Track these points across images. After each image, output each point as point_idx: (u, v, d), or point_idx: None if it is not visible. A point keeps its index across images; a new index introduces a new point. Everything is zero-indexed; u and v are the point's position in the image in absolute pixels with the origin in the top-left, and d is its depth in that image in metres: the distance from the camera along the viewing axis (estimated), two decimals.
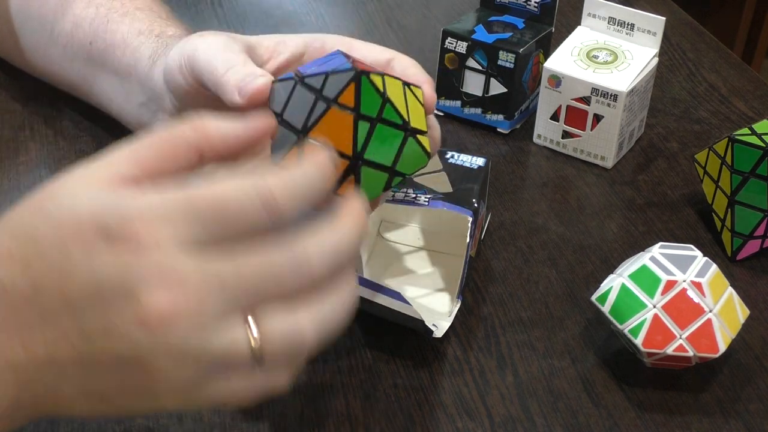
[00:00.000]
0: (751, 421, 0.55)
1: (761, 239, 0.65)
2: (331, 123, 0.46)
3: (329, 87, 0.46)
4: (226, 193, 0.40)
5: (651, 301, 0.55)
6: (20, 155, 0.72)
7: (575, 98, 0.73)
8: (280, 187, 0.40)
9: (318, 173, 0.42)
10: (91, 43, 0.67)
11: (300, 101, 0.47)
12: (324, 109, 0.46)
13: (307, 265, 0.41)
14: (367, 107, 0.47)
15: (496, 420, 0.54)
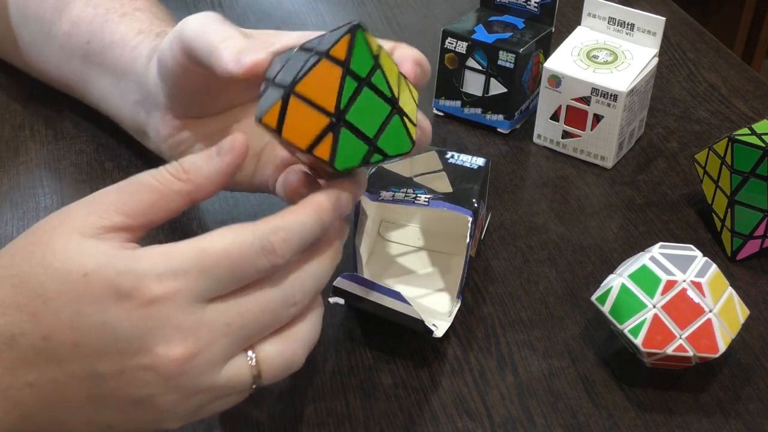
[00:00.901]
0: (751, 421, 0.55)
1: (761, 239, 0.65)
2: (319, 76, 0.46)
3: (325, 42, 0.46)
4: (233, 249, 0.43)
5: (651, 301, 0.55)
6: (20, 155, 0.72)
7: (575, 98, 0.73)
8: (279, 239, 0.44)
9: (315, 222, 0.46)
10: (88, 42, 0.67)
11: (294, 62, 0.47)
12: (315, 62, 0.46)
13: (294, 299, 0.46)
14: (357, 65, 0.46)
15: (496, 420, 0.54)
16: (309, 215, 0.46)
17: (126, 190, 0.46)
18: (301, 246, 0.45)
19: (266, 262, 0.44)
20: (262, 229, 0.44)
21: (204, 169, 0.47)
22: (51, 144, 0.73)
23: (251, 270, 0.44)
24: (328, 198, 0.47)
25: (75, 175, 0.70)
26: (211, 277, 0.43)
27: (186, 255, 0.43)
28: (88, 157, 0.72)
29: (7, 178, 0.70)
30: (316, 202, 0.46)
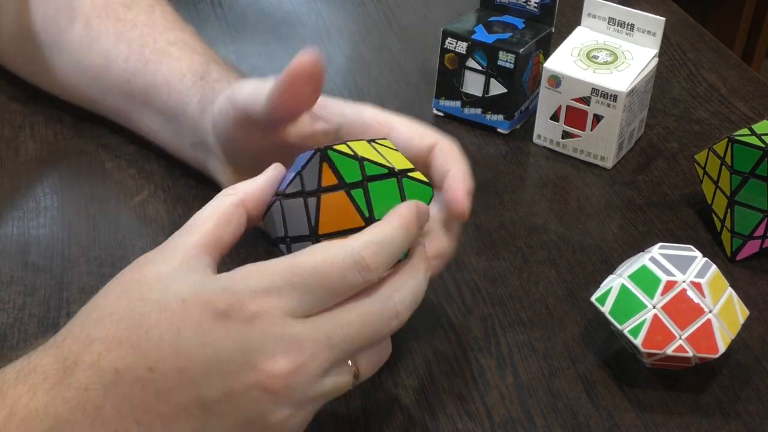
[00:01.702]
0: (751, 421, 0.55)
1: (761, 239, 0.65)
2: (329, 210, 0.47)
3: (308, 181, 0.48)
4: (325, 264, 0.44)
5: (651, 302, 0.55)
6: (20, 155, 0.72)
7: (575, 98, 0.73)
8: (371, 254, 0.44)
9: (402, 233, 0.46)
10: (129, 81, 0.67)
11: (294, 212, 0.48)
12: (317, 203, 0.47)
13: (396, 314, 0.46)
14: (350, 174, 0.47)
15: (496, 420, 0.54)
16: (396, 228, 0.46)
17: (190, 224, 0.48)
18: (392, 259, 0.46)
19: (359, 278, 0.44)
20: (353, 245, 0.44)
21: (252, 183, 0.49)
22: (51, 144, 0.73)
23: (344, 286, 0.44)
24: (409, 209, 0.47)
25: (75, 175, 0.70)
26: (304, 293, 0.43)
27: (277, 272, 0.44)
28: (88, 157, 0.72)
29: (7, 178, 0.70)
30: (401, 214, 0.47)
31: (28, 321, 0.59)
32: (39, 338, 0.57)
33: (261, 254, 0.63)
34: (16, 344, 0.57)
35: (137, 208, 0.68)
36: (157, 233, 0.66)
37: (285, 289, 0.43)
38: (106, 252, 0.64)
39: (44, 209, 0.67)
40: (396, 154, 0.50)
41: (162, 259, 0.46)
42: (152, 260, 0.46)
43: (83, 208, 0.67)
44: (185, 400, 0.43)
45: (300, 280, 0.43)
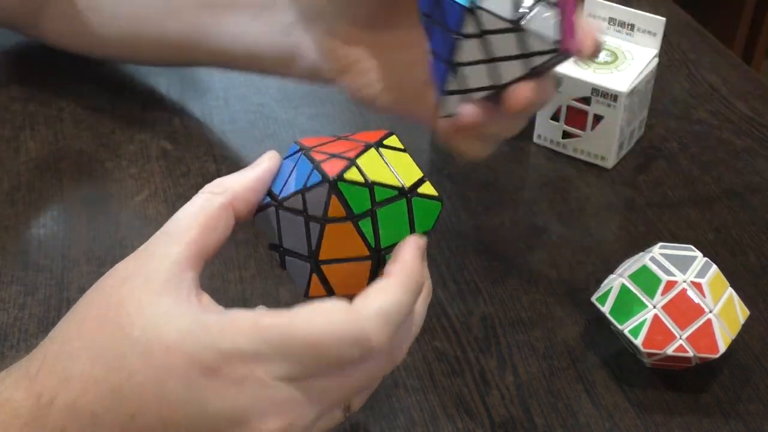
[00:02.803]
0: (751, 421, 0.55)
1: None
2: (333, 237, 0.44)
3: (312, 206, 0.44)
4: (323, 337, 0.41)
5: (651, 302, 0.55)
6: (20, 155, 0.72)
7: (575, 98, 0.73)
8: (375, 329, 0.41)
9: (412, 294, 0.43)
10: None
11: (291, 226, 0.45)
12: (320, 229, 0.44)
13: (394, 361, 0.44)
14: (358, 205, 0.44)
15: (496, 420, 0.54)
16: (406, 291, 0.43)
17: (172, 230, 0.44)
18: (399, 327, 0.42)
19: (358, 351, 0.41)
20: (357, 318, 0.41)
21: (241, 178, 0.46)
22: (51, 144, 0.73)
23: (341, 360, 0.41)
24: (416, 259, 0.44)
25: (75, 175, 0.70)
26: (297, 363, 0.41)
27: (270, 337, 0.41)
28: (88, 157, 0.72)
29: (7, 178, 0.70)
30: (409, 270, 0.43)
31: (28, 321, 0.59)
32: (39, 338, 0.57)
33: (262, 256, 0.63)
34: (16, 344, 0.57)
35: (137, 208, 0.68)
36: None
37: (277, 357, 0.40)
38: (106, 252, 0.64)
39: (44, 209, 0.67)
40: (404, 158, 0.47)
41: (142, 280, 0.42)
42: (130, 279, 0.42)
43: (83, 208, 0.67)
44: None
45: (293, 351, 0.41)
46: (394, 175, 0.45)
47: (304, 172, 0.45)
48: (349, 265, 0.45)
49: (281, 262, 0.47)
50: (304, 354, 0.41)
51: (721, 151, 0.77)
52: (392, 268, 0.43)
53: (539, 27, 0.48)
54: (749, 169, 0.75)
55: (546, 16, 0.48)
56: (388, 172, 0.45)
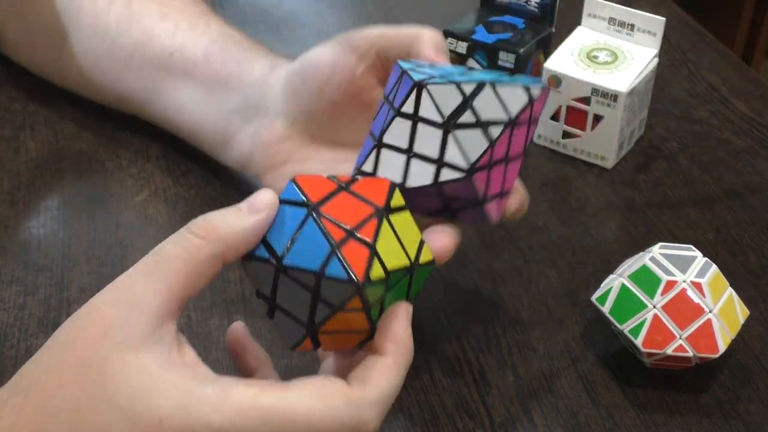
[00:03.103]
0: (751, 421, 0.55)
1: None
2: (340, 321, 0.43)
3: (327, 292, 0.42)
4: (323, 422, 0.40)
5: (651, 302, 0.55)
6: (20, 155, 0.72)
7: (575, 98, 0.73)
8: (376, 419, 0.41)
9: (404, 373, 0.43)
10: (172, 54, 0.67)
11: (292, 293, 0.43)
12: (329, 313, 0.43)
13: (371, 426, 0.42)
14: (374, 296, 0.43)
15: (496, 420, 0.54)
16: (402, 371, 0.43)
17: (154, 272, 0.42)
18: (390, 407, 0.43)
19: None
20: (357, 405, 0.41)
21: (236, 227, 0.43)
22: (51, 144, 0.73)
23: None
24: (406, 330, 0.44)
25: (75, 175, 0.70)
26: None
27: (269, 418, 0.39)
28: (88, 157, 0.72)
29: (7, 178, 0.70)
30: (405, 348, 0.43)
31: (28, 321, 0.59)
32: (39, 338, 0.57)
33: None
34: (16, 344, 0.57)
35: (137, 208, 0.68)
36: (157, 233, 0.66)
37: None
38: (106, 252, 0.64)
39: (44, 209, 0.67)
40: (407, 219, 0.46)
41: (122, 335, 0.40)
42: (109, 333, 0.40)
43: (83, 208, 0.68)
44: None
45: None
46: (404, 252, 0.44)
47: (316, 246, 0.42)
48: (345, 336, 0.44)
49: (269, 312, 0.45)
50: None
51: (721, 151, 0.77)
52: (388, 346, 0.43)
53: (465, 140, 0.47)
54: (749, 169, 0.75)
55: (478, 137, 0.48)
56: (399, 250, 0.44)
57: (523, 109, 0.49)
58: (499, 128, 0.49)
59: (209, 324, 0.59)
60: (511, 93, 0.49)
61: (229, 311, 0.60)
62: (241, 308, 0.60)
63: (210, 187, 0.69)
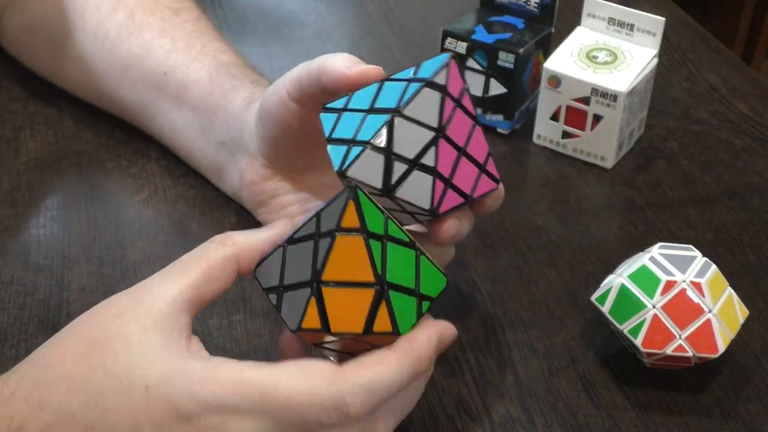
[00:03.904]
0: (751, 421, 0.55)
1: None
2: (342, 254, 0.43)
3: (325, 221, 0.43)
4: (302, 399, 0.40)
5: (650, 302, 0.55)
6: (20, 155, 0.72)
7: (575, 98, 0.73)
8: (358, 401, 0.41)
9: (408, 374, 0.42)
10: (166, 73, 0.67)
11: (298, 258, 0.44)
12: (329, 243, 0.43)
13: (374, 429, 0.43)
14: (373, 224, 0.43)
15: (496, 420, 0.54)
16: (404, 372, 0.42)
17: (171, 273, 0.44)
18: (385, 401, 0.42)
19: (336, 420, 0.41)
20: (340, 386, 0.41)
21: (251, 237, 0.46)
22: (51, 144, 0.73)
23: (317, 426, 0.41)
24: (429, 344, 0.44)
25: (75, 175, 0.71)
26: (272, 421, 0.40)
27: (250, 392, 0.40)
28: (88, 157, 0.72)
29: (7, 178, 0.70)
30: (417, 353, 0.43)
31: (28, 321, 0.59)
32: (39, 338, 0.57)
33: None
34: (16, 344, 0.57)
35: (137, 208, 0.68)
36: (157, 233, 0.66)
37: (254, 413, 0.40)
38: (106, 252, 0.64)
39: (44, 209, 0.67)
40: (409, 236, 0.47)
41: (134, 315, 0.42)
42: (123, 313, 0.42)
43: (83, 208, 0.68)
44: None
45: (271, 411, 0.40)
46: (404, 232, 0.46)
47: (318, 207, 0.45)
48: (350, 294, 0.43)
49: (277, 303, 0.45)
50: (281, 415, 0.40)
51: (720, 151, 0.77)
52: (401, 344, 0.43)
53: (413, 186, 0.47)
54: (749, 169, 0.75)
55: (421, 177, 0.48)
56: (400, 226, 0.46)
57: (442, 105, 0.48)
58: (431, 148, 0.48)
59: (209, 324, 0.59)
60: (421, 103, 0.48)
61: (228, 311, 0.60)
62: (241, 308, 0.60)
63: (210, 187, 0.69)
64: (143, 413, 0.40)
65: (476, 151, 0.51)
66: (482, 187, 0.51)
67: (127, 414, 0.40)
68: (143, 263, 0.63)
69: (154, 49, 0.68)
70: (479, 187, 0.50)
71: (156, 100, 0.68)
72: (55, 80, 0.76)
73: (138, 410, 0.40)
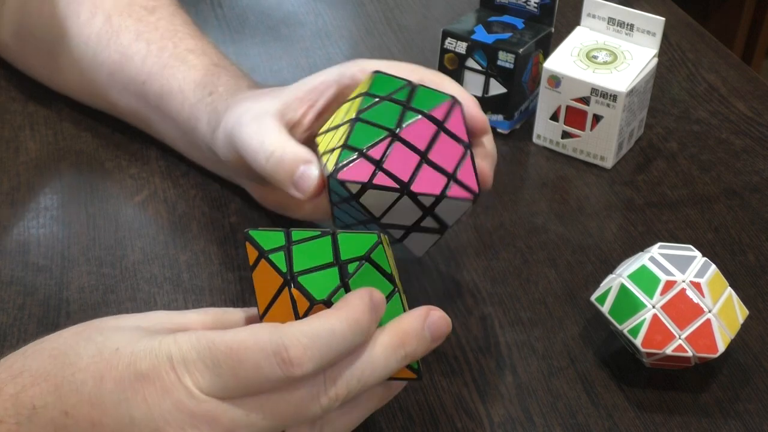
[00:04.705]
0: (750, 421, 0.55)
1: (375, 164, 0.52)
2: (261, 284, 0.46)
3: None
4: (240, 348, 0.41)
5: (650, 302, 0.55)
6: (20, 155, 0.72)
7: (575, 98, 0.73)
8: (298, 346, 0.40)
9: (349, 327, 0.42)
10: (144, 82, 0.67)
11: None
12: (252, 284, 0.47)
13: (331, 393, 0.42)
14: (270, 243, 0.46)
15: (496, 420, 0.54)
16: (342, 321, 0.42)
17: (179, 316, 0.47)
18: (330, 356, 0.41)
19: (279, 372, 0.40)
20: (281, 333, 0.41)
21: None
22: (51, 144, 0.73)
23: (259, 376, 0.41)
24: (362, 299, 0.43)
25: (75, 175, 0.71)
26: (216, 375, 0.41)
27: (198, 344, 0.41)
28: (88, 157, 0.72)
29: (7, 178, 0.70)
30: (351, 306, 0.43)
31: (28, 321, 0.59)
32: (38, 338, 0.57)
33: None
34: (16, 344, 0.57)
35: (137, 208, 0.68)
36: (157, 233, 0.66)
37: (199, 365, 0.41)
38: (106, 252, 0.64)
39: (44, 209, 0.67)
40: None
41: (134, 319, 0.45)
42: (125, 317, 0.46)
43: (83, 208, 0.68)
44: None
45: (213, 361, 0.41)
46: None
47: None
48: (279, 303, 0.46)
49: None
50: (223, 363, 0.40)
51: (720, 151, 0.77)
52: (336, 304, 0.44)
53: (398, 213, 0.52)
54: (748, 168, 0.75)
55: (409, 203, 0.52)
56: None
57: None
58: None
59: None
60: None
61: None
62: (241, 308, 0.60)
63: (210, 187, 0.69)
64: (108, 370, 0.41)
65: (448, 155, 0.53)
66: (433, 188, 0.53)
67: (93, 373, 0.41)
68: (143, 263, 0.63)
69: (131, 55, 0.68)
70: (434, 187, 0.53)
71: (143, 108, 0.69)
72: (50, 85, 0.76)
73: (104, 368, 0.41)
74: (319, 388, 0.42)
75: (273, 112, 0.57)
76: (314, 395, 0.42)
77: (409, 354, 0.45)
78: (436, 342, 0.46)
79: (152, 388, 0.41)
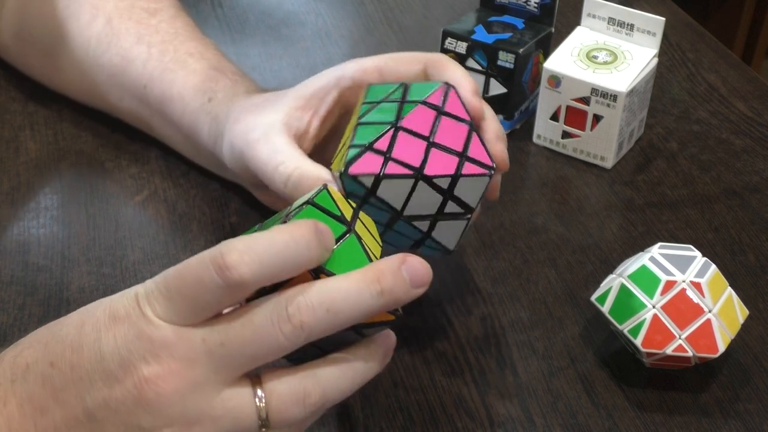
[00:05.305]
0: (750, 421, 0.55)
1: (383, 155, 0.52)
2: None
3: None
4: (185, 267, 0.41)
5: (650, 302, 0.55)
6: (20, 155, 0.72)
7: (575, 98, 0.73)
8: (234, 251, 0.40)
9: (288, 240, 0.41)
10: (145, 86, 0.67)
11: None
12: None
13: (289, 317, 0.41)
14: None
15: (496, 420, 0.54)
16: (283, 232, 0.41)
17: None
18: (270, 264, 0.40)
19: (217, 279, 0.40)
20: (220, 244, 0.40)
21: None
22: (51, 144, 0.73)
23: (201, 288, 0.40)
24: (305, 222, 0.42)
25: (75, 175, 0.71)
26: (169, 298, 0.41)
27: (157, 278, 0.42)
28: (88, 157, 0.72)
29: (7, 178, 0.70)
30: (294, 223, 0.42)
31: (28, 321, 0.59)
32: None
33: None
34: None
35: (137, 208, 0.68)
36: (157, 233, 0.66)
37: (156, 294, 0.41)
38: (106, 252, 0.64)
39: (44, 209, 0.67)
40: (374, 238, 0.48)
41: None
42: None
43: (83, 208, 0.68)
44: (74, 400, 0.41)
45: (166, 286, 0.41)
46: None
47: None
48: None
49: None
50: (173, 284, 0.41)
51: (720, 151, 0.77)
52: None
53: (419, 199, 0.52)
54: (748, 168, 0.75)
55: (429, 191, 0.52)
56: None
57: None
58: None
59: None
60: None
61: None
62: None
63: (210, 187, 0.69)
64: (87, 317, 0.43)
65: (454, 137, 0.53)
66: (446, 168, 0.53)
67: (77, 321, 0.43)
68: (143, 263, 0.63)
69: (132, 58, 0.68)
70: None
71: (145, 111, 0.69)
72: (51, 86, 0.76)
73: (85, 316, 0.43)
74: (280, 312, 0.41)
75: (279, 126, 0.57)
76: (275, 320, 0.41)
77: (386, 290, 0.42)
78: (416, 287, 0.43)
79: (121, 325, 0.42)
